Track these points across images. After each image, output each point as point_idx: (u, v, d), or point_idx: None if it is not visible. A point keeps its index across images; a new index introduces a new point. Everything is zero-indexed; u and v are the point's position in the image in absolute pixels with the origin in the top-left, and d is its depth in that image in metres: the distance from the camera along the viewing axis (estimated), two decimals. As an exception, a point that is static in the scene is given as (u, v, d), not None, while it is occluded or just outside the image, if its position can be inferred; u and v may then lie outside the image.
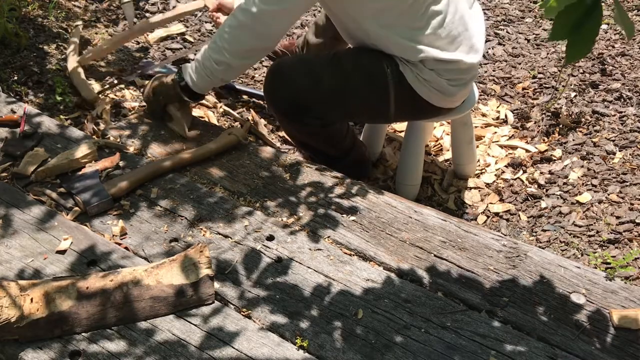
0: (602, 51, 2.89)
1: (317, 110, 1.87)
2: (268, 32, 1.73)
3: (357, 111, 1.96)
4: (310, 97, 1.84)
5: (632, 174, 2.17)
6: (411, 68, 1.81)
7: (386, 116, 1.95)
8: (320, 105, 1.86)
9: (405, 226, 1.63)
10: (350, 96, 1.86)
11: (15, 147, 1.87)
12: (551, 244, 1.97)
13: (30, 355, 1.27)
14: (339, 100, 1.86)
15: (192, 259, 1.41)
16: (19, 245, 1.54)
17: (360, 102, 1.88)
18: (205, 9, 2.80)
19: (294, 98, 1.84)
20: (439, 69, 1.81)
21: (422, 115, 2.00)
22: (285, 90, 1.85)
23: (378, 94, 1.85)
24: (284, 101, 1.87)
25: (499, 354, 1.29)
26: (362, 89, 1.84)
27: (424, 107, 1.90)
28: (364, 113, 1.99)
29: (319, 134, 1.96)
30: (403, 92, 1.84)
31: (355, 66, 1.83)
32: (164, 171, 1.80)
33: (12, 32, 2.54)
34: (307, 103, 1.85)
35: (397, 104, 1.87)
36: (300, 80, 1.83)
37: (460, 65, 1.81)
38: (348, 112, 1.94)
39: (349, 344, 1.31)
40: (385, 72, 1.81)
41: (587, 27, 0.94)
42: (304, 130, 1.95)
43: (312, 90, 1.83)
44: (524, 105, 2.67)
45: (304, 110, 1.86)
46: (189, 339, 1.31)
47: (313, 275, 1.48)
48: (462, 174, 2.34)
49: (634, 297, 1.42)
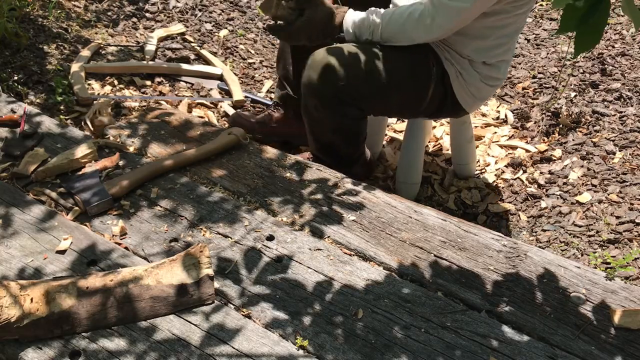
0: (602, 51, 2.89)
1: (362, 101, 1.85)
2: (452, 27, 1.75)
3: (394, 104, 1.93)
4: (361, 87, 1.80)
5: (632, 174, 2.17)
6: (456, 67, 1.85)
7: (415, 112, 1.96)
8: (367, 96, 1.83)
9: (405, 226, 1.63)
10: (394, 89, 1.84)
11: (15, 147, 1.87)
12: (551, 244, 1.97)
13: (30, 355, 1.27)
14: (384, 92, 1.84)
15: (192, 259, 1.41)
16: (19, 245, 1.54)
17: (400, 95, 1.87)
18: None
19: (343, 87, 1.79)
20: (483, 73, 1.86)
21: (441, 114, 2.03)
22: (335, 78, 1.79)
23: (418, 90, 1.87)
24: (331, 90, 1.81)
25: (499, 354, 1.29)
26: (406, 83, 1.84)
27: (451, 107, 1.94)
28: (399, 106, 1.97)
29: (350, 129, 1.94)
30: (439, 91, 1.87)
31: (403, 60, 1.82)
32: (164, 171, 1.80)
33: (12, 32, 2.54)
34: (355, 93, 1.81)
35: (430, 101, 1.90)
36: (353, 70, 1.78)
37: (500, 74, 1.90)
38: (387, 104, 1.92)
39: (349, 343, 1.31)
40: (431, 69, 1.84)
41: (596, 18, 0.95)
42: (339, 123, 1.90)
43: (364, 81, 1.80)
44: (524, 105, 2.67)
45: (350, 100, 1.82)
46: (189, 338, 1.31)
47: (313, 275, 1.48)
48: (462, 174, 2.34)
49: (634, 297, 1.42)
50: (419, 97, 1.89)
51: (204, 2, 3.36)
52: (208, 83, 2.77)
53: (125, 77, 2.66)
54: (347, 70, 1.78)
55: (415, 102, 1.91)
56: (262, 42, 3.16)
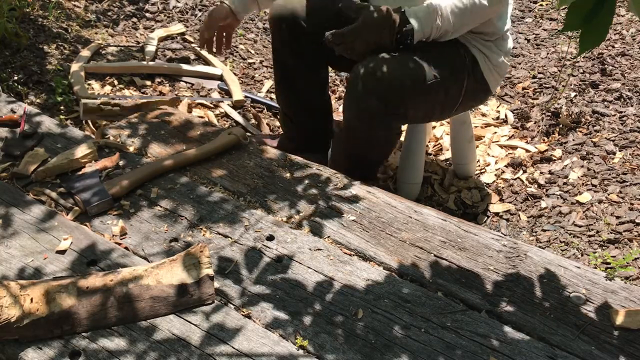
0: (602, 51, 2.89)
1: (410, 109, 1.81)
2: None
3: (438, 104, 1.89)
4: (408, 94, 1.77)
5: (632, 174, 2.17)
6: (483, 52, 1.87)
7: (453, 107, 1.94)
8: (415, 102, 1.81)
9: (405, 226, 1.63)
10: (440, 88, 1.82)
11: (15, 147, 1.87)
12: (551, 244, 1.97)
13: (30, 355, 1.27)
14: (430, 95, 1.82)
15: (193, 259, 1.41)
16: (19, 245, 1.54)
17: (444, 94, 1.85)
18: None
19: (392, 97, 1.75)
20: (503, 48, 1.91)
21: (475, 102, 2.04)
22: (384, 88, 1.73)
23: (458, 83, 1.87)
24: (380, 101, 1.74)
25: (499, 354, 1.29)
26: (449, 79, 1.83)
27: (483, 94, 1.97)
28: (441, 106, 1.92)
29: (390, 141, 1.90)
30: (472, 80, 1.88)
31: (441, 57, 1.81)
32: (164, 171, 1.80)
33: (12, 32, 2.54)
34: (402, 102, 1.78)
35: (465, 92, 1.90)
36: (399, 79, 1.74)
37: (510, 45, 1.96)
38: (433, 106, 1.89)
39: (349, 343, 1.31)
40: (465, 60, 1.85)
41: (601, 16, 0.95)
42: (383, 136, 1.86)
43: (411, 88, 1.76)
44: (524, 105, 2.67)
45: (396, 110, 1.78)
46: (189, 338, 1.31)
47: (313, 275, 1.48)
48: (462, 174, 2.34)
49: (634, 297, 1.42)
50: (459, 90, 1.88)
51: (204, 2, 3.36)
52: (208, 83, 2.77)
53: (125, 77, 2.66)
54: (393, 81, 1.72)
55: (455, 97, 1.90)
56: (262, 42, 3.16)
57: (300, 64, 2.08)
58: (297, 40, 2.02)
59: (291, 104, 2.21)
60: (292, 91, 2.18)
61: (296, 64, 2.08)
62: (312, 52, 2.03)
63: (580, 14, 0.95)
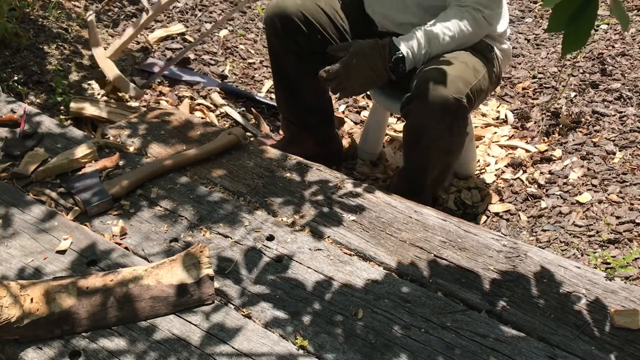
0: (602, 51, 2.89)
1: (474, 107, 1.86)
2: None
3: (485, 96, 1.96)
4: (475, 92, 1.77)
5: (632, 174, 2.16)
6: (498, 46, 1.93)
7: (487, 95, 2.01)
8: (480, 99, 1.87)
9: (405, 226, 1.63)
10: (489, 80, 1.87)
11: (15, 147, 1.87)
12: (551, 244, 1.97)
13: (30, 355, 1.27)
14: (485, 87, 1.86)
15: (193, 259, 1.41)
16: (19, 245, 1.54)
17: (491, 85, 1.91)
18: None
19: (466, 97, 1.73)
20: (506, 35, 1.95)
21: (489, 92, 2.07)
22: (458, 90, 1.70)
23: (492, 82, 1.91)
24: (458, 103, 1.70)
25: (499, 354, 1.29)
26: (490, 72, 1.88)
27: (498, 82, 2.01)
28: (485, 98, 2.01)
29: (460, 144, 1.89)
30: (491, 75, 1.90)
31: (483, 59, 1.85)
32: (164, 171, 1.80)
33: (12, 32, 2.54)
34: (473, 100, 1.78)
35: (497, 78, 1.96)
36: (464, 77, 1.73)
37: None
38: (483, 98, 1.94)
39: (349, 343, 1.31)
40: (493, 50, 1.91)
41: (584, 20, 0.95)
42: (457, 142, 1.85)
43: (478, 86, 1.78)
44: (524, 105, 2.67)
45: (465, 114, 1.76)
46: (189, 338, 1.31)
47: (313, 275, 1.48)
48: (462, 174, 2.34)
49: (634, 297, 1.42)
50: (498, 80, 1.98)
51: (204, 2, 3.36)
52: (208, 83, 2.77)
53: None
54: (460, 80, 1.72)
55: (495, 82, 1.96)
56: (262, 42, 3.16)
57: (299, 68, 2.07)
58: (294, 41, 2.01)
59: (291, 106, 2.21)
60: (292, 94, 2.17)
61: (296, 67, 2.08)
62: (309, 53, 2.02)
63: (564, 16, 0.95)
